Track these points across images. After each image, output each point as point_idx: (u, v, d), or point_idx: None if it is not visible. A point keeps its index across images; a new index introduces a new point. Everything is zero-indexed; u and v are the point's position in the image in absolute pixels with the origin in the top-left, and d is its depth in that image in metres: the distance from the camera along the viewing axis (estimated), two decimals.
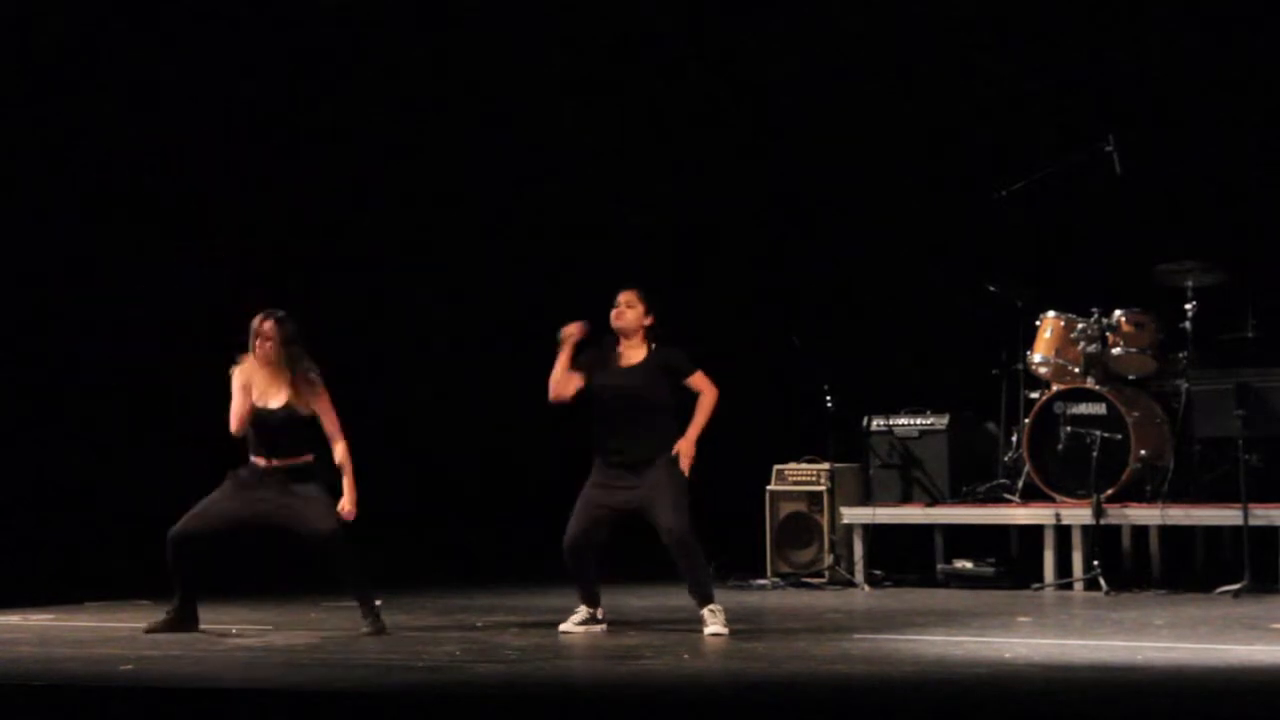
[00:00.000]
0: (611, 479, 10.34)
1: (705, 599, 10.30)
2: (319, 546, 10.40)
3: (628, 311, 10.44)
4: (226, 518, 10.48)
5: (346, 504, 10.44)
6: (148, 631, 10.47)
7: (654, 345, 10.45)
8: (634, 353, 10.45)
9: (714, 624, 10.21)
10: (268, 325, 10.54)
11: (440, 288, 14.91)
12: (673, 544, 10.18)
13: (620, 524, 10.42)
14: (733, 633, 10.21)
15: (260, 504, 10.47)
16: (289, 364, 10.50)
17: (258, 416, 10.52)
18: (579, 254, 14.77)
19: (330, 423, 10.55)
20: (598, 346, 10.49)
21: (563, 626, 10.46)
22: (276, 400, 10.50)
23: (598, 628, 10.46)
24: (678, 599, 10.78)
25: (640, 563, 11.46)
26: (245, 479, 10.53)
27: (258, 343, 10.53)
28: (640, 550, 10.83)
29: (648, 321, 10.45)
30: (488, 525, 14.73)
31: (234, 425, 10.52)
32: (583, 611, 10.49)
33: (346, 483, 10.47)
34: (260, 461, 10.51)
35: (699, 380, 10.39)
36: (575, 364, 10.45)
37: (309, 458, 10.52)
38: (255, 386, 10.54)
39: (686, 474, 10.28)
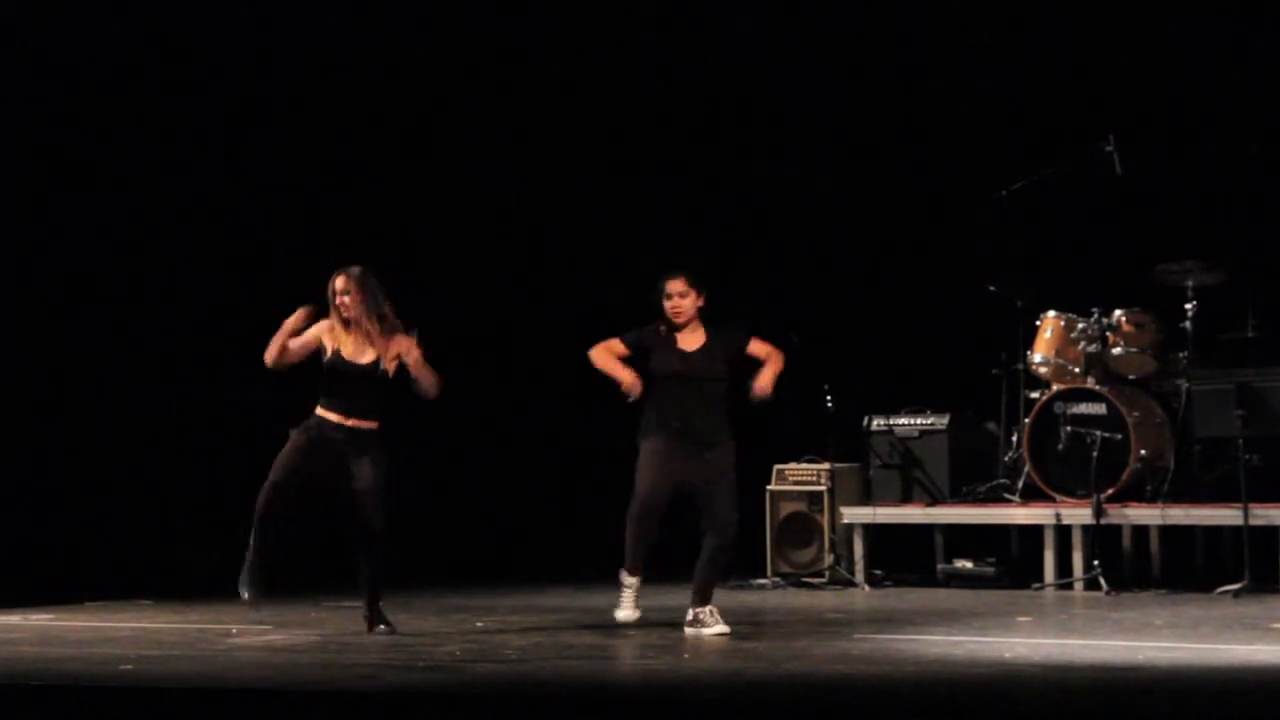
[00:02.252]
0: (678, 452, 10.26)
1: (707, 599, 10.33)
2: (363, 537, 10.27)
3: (683, 303, 10.39)
4: (302, 474, 10.22)
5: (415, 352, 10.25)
6: (250, 602, 10.32)
7: (711, 326, 10.42)
8: (694, 335, 10.41)
9: (717, 625, 10.23)
10: (340, 281, 10.32)
11: (441, 288, 14.90)
12: (723, 538, 10.24)
13: (678, 497, 10.37)
14: (733, 633, 10.22)
15: (327, 468, 10.21)
16: (370, 315, 10.29)
17: (340, 370, 10.27)
18: (580, 255, 14.76)
19: (424, 373, 10.31)
20: (653, 326, 10.43)
21: (621, 616, 10.40)
22: (362, 356, 10.29)
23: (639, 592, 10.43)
24: (678, 599, 10.78)
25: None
26: (314, 437, 10.26)
27: (337, 301, 10.32)
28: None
29: (701, 303, 10.44)
30: (489, 525, 14.74)
31: (270, 354, 10.24)
32: (631, 585, 10.39)
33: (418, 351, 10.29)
34: (332, 417, 10.28)
35: (759, 346, 10.42)
36: (629, 340, 10.39)
37: (376, 425, 10.31)
38: (341, 342, 10.29)
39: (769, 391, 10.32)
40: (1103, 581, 12.24)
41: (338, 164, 14.63)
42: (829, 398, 13.29)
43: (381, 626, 10.36)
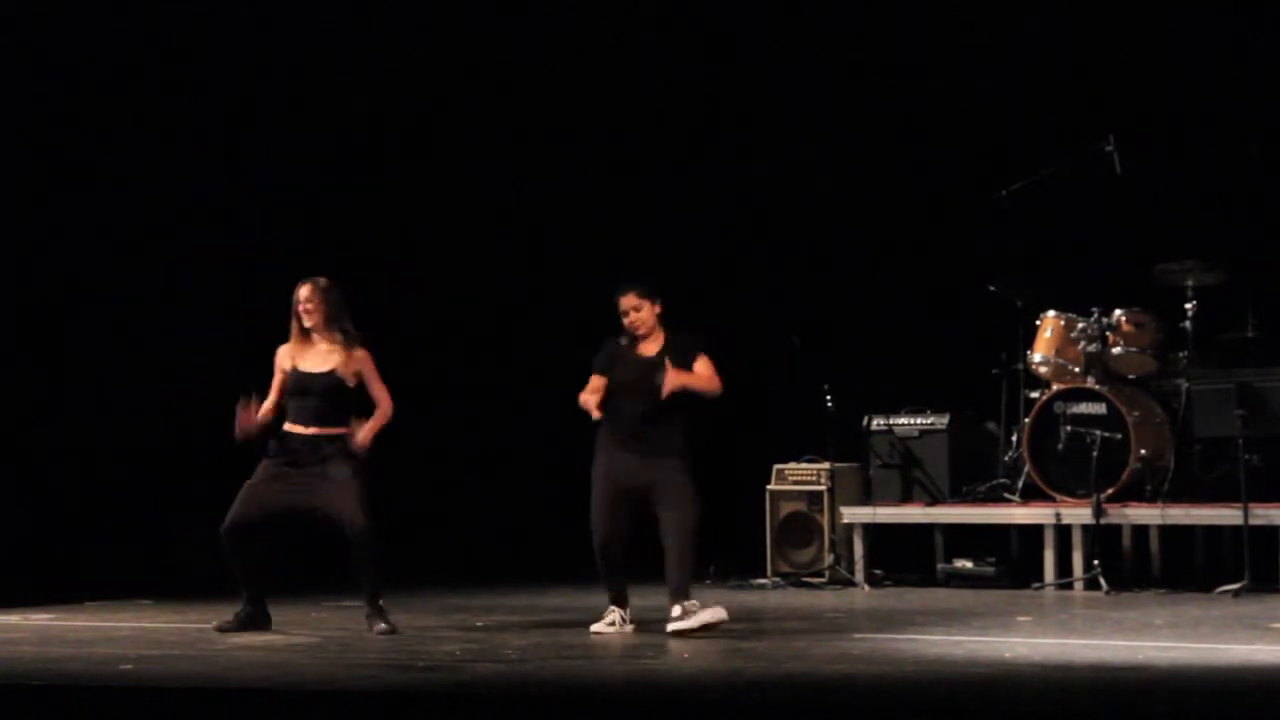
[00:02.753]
0: (626, 466, 10.30)
1: (686, 594, 10.24)
2: (350, 536, 10.30)
3: (636, 316, 10.41)
4: (268, 507, 10.38)
5: (362, 433, 10.33)
6: (219, 630, 10.43)
7: (668, 333, 10.44)
8: (651, 344, 10.44)
9: (707, 610, 10.15)
10: (304, 290, 10.45)
11: (442, 288, 14.90)
12: (680, 531, 10.19)
13: (640, 513, 10.37)
14: (733, 633, 10.21)
15: (295, 490, 10.34)
16: (329, 324, 10.40)
17: (300, 382, 10.41)
18: (580, 255, 14.76)
19: (378, 390, 10.43)
20: (615, 339, 10.47)
21: (594, 627, 10.41)
22: (322, 365, 10.41)
23: (628, 628, 10.40)
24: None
25: (640, 562, 11.44)
26: (277, 455, 10.39)
27: (301, 310, 10.43)
28: (640, 550, 10.82)
29: (658, 310, 10.45)
30: (489, 525, 14.74)
31: (263, 410, 10.41)
32: (613, 613, 10.45)
33: (371, 424, 10.34)
34: (296, 429, 10.40)
35: (703, 365, 10.34)
36: (600, 366, 10.42)
37: (346, 430, 10.40)
38: (299, 358, 10.43)
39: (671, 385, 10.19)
40: (1103, 581, 12.24)
41: (338, 164, 14.63)
42: (829, 398, 13.28)
43: (382, 626, 10.36)
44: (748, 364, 13.46)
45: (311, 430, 10.39)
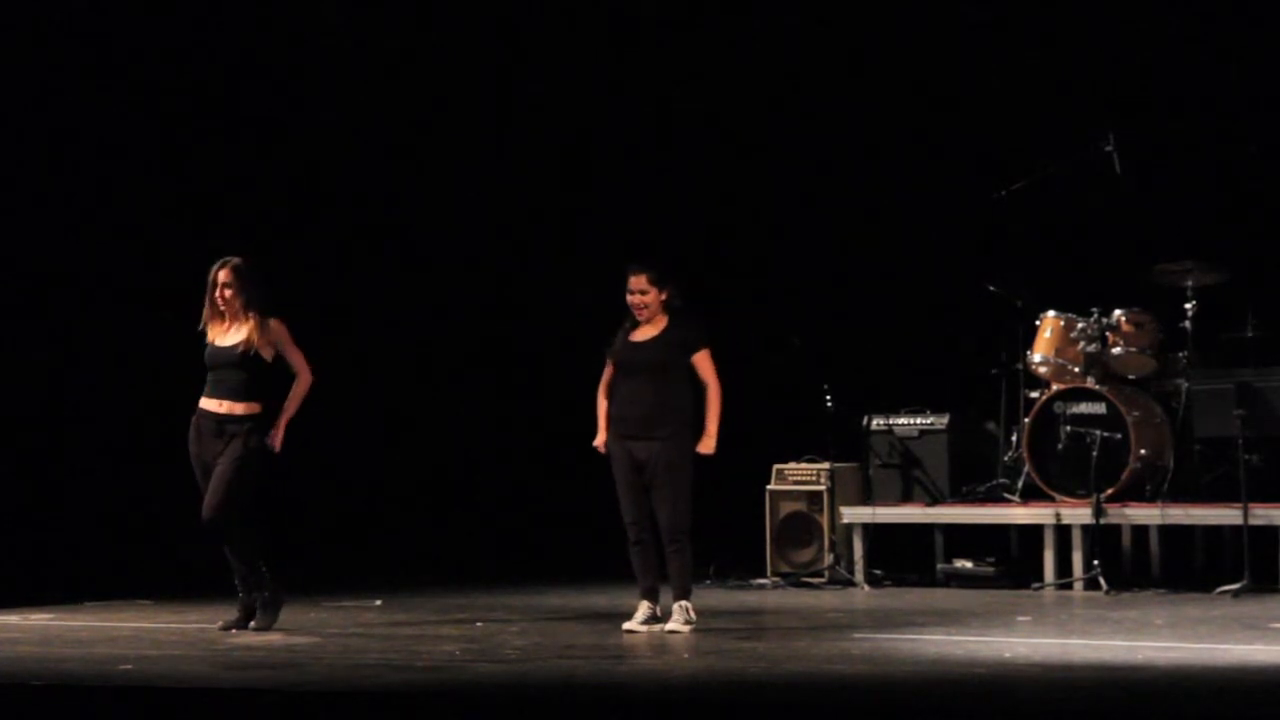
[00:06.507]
0: (626, 447, 10.36)
1: (686, 593, 10.34)
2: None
3: (645, 299, 10.46)
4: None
5: (276, 436, 10.46)
6: (222, 629, 10.48)
7: (671, 318, 10.47)
8: (652, 327, 10.49)
9: (682, 623, 10.24)
10: (223, 274, 10.49)
11: (440, 287, 14.90)
12: (666, 536, 10.29)
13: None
14: (733, 633, 10.21)
15: (211, 464, 10.44)
16: (248, 306, 10.45)
17: (212, 355, 10.49)
18: (581, 255, 14.76)
19: (296, 358, 10.47)
20: (626, 325, 10.52)
21: (627, 625, 10.36)
22: (233, 338, 10.47)
23: (658, 627, 10.35)
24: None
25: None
26: (195, 438, 10.50)
27: (216, 293, 10.48)
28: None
29: (664, 297, 10.48)
30: (489, 525, 14.74)
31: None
32: (644, 609, 10.41)
33: (282, 418, 10.43)
34: (212, 405, 10.47)
35: (703, 361, 10.42)
36: (611, 354, 10.51)
37: (257, 408, 10.47)
38: (214, 333, 10.50)
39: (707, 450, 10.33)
40: (1102, 581, 12.24)
41: (337, 163, 14.63)
42: (829, 398, 13.28)
43: (251, 624, 10.43)
44: (748, 364, 13.48)
45: (224, 407, 10.45)
